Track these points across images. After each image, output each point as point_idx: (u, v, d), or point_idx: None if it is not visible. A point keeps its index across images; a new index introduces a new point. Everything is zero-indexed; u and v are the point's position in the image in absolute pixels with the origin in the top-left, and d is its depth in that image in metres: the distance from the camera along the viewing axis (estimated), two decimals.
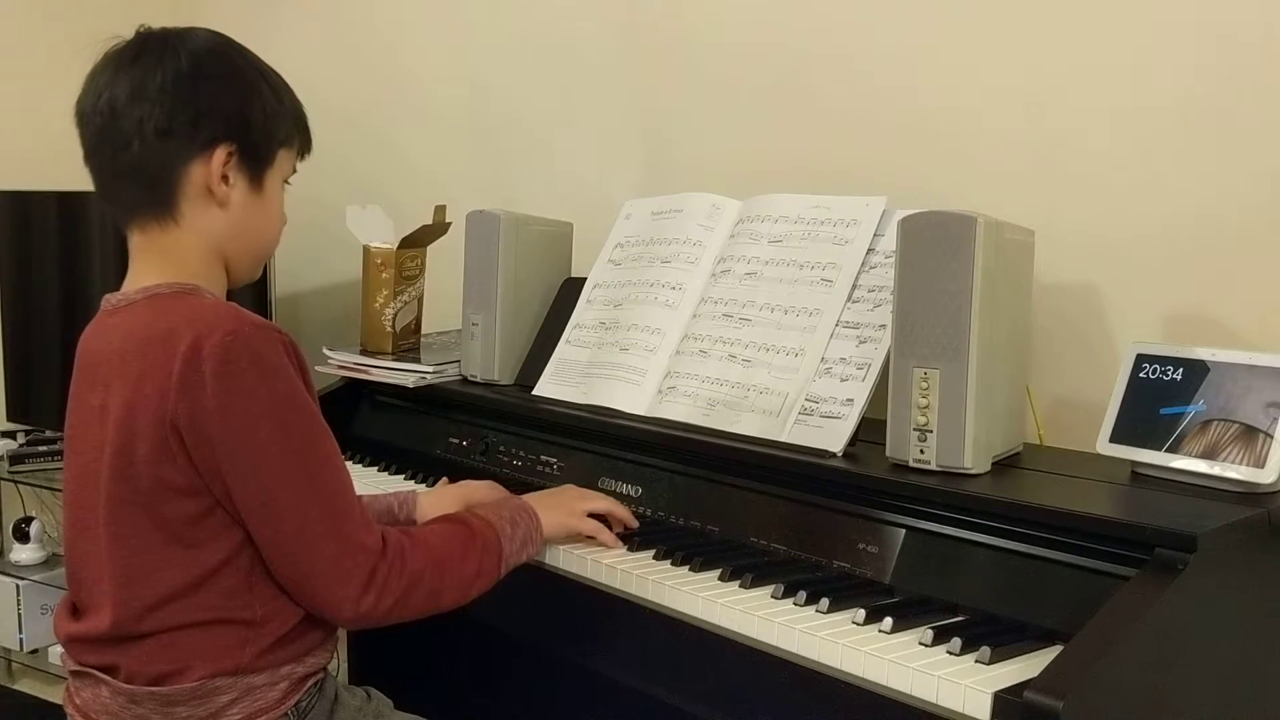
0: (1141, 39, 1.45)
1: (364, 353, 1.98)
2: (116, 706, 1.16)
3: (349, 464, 1.79)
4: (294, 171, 1.31)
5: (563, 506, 1.38)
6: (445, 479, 1.63)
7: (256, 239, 1.27)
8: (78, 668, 1.21)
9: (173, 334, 1.12)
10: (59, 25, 2.86)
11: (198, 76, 1.19)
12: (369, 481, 1.73)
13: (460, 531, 1.26)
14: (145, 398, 1.12)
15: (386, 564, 1.16)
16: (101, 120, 1.18)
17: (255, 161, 1.23)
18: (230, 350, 1.11)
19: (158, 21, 1.25)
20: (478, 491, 1.50)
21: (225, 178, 1.21)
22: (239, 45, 1.25)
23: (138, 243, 1.23)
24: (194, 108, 1.18)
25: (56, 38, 2.84)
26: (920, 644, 1.06)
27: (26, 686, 2.82)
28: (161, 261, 1.21)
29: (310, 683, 1.22)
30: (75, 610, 1.24)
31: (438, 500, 1.50)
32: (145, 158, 1.18)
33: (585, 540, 1.38)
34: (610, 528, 1.39)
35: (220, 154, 1.20)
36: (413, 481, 1.74)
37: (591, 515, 1.39)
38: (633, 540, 1.37)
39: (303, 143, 1.30)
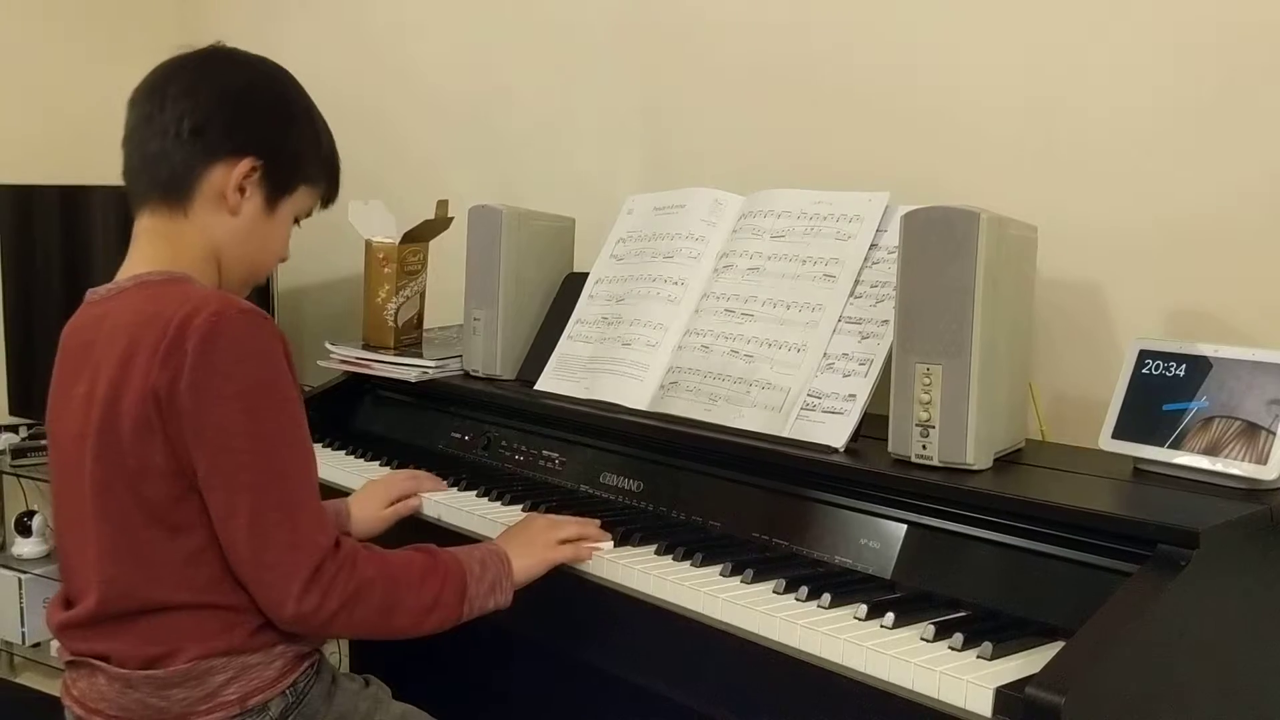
0: (1145, 36, 1.45)
1: (366, 347, 1.98)
2: (113, 693, 1.17)
3: (350, 458, 1.80)
4: (309, 214, 1.35)
5: (535, 543, 1.32)
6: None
7: (254, 256, 1.30)
8: (72, 657, 1.21)
9: (162, 315, 1.14)
10: (62, 23, 2.85)
11: (249, 92, 1.26)
12: (371, 476, 1.72)
13: (423, 559, 1.24)
14: (131, 375, 1.14)
15: (335, 564, 1.15)
16: (150, 109, 1.24)
17: (275, 185, 1.27)
18: (215, 329, 1.12)
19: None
20: (396, 477, 1.58)
21: (242, 189, 1.24)
22: (299, 85, 1.31)
23: (145, 224, 1.26)
24: (233, 116, 1.24)
25: (60, 35, 2.85)
26: (922, 639, 1.05)
27: (28, 680, 2.83)
28: (162, 246, 1.24)
29: (307, 663, 1.23)
30: (68, 604, 1.24)
31: (365, 497, 1.55)
32: (174, 149, 1.23)
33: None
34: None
35: (244, 165, 1.24)
36: None
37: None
38: (634, 536, 1.36)
39: (329, 189, 1.35)
